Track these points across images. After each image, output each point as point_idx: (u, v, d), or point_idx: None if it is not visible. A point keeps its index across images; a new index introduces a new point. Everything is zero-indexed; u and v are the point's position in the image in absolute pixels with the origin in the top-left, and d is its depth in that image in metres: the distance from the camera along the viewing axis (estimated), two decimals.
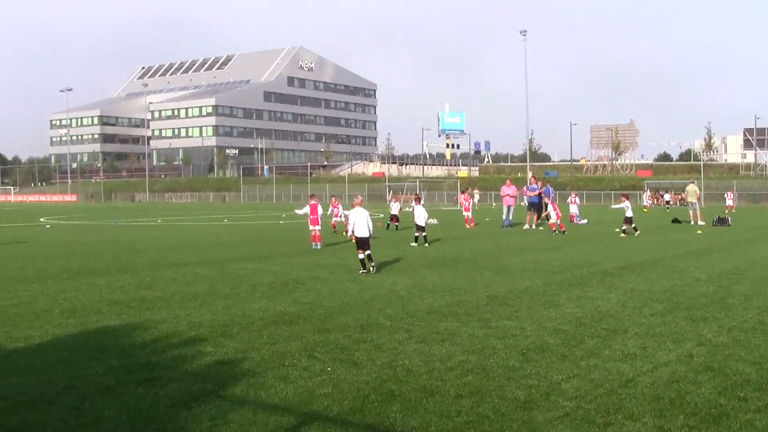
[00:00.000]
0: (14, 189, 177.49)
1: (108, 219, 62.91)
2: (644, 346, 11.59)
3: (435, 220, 50.59)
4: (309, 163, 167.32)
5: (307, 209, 30.71)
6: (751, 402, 8.71)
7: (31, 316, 14.47)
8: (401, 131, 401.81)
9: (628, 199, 38.19)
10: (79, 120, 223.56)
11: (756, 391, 9.13)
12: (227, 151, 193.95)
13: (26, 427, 7.95)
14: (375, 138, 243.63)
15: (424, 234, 31.17)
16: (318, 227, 30.08)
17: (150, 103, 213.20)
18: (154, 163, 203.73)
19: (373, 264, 21.92)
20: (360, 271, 21.57)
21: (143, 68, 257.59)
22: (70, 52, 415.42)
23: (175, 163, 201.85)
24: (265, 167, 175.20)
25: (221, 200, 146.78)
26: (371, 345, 11.66)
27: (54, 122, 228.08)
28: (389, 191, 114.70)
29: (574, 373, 9.93)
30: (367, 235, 21.82)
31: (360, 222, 21.87)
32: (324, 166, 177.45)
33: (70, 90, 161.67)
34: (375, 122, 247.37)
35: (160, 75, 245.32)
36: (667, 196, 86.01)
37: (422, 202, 34.58)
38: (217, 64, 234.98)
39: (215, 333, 12.66)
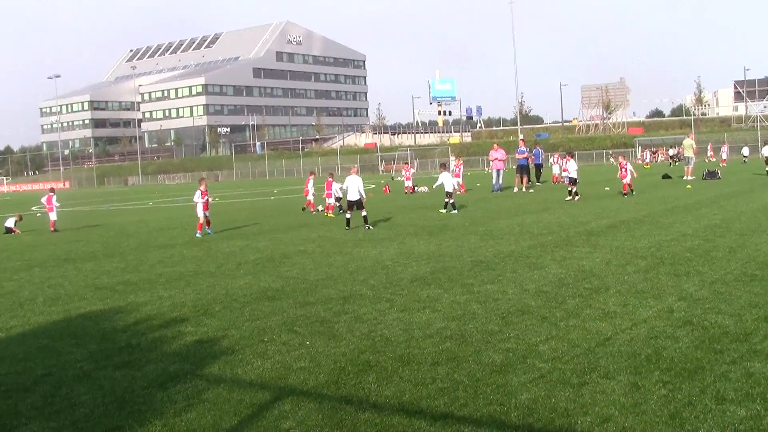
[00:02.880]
0: (7, 179, 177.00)
1: (101, 204, 62.79)
2: (625, 303, 11.58)
3: (425, 187, 50.57)
4: (301, 138, 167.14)
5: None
6: (727, 354, 8.70)
7: (14, 306, 14.45)
8: (392, 101, 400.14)
9: (572, 157, 38.02)
10: (69, 106, 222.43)
11: (733, 343, 9.12)
12: (219, 129, 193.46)
13: (0, 416, 7.93)
14: (366, 109, 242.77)
15: (452, 201, 31.43)
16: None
17: (140, 85, 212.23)
18: (146, 145, 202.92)
19: (368, 225, 25.38)
20: (346, 228, 25.37)
21: (131, 51, 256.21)
22: (57, 37, 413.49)
23: (167, 144, 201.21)
24: (257, 144, 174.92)
25: (214, 179, 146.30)
26: (352, 316, 11.64)
27: (44, 110, 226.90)
28: (381, 161, 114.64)
29: (553, 335, 9.92)
30: (357, 198, 25.38)
31: (352, 187, 25.52)
32: (316, 140, 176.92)
33: (58, 77, 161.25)
34: (366, 93, 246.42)
35: (149, 57, 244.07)
36: (671, 152, 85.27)
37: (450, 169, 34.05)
38: (206, 43, 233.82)
39: (197, 312, 12.65)
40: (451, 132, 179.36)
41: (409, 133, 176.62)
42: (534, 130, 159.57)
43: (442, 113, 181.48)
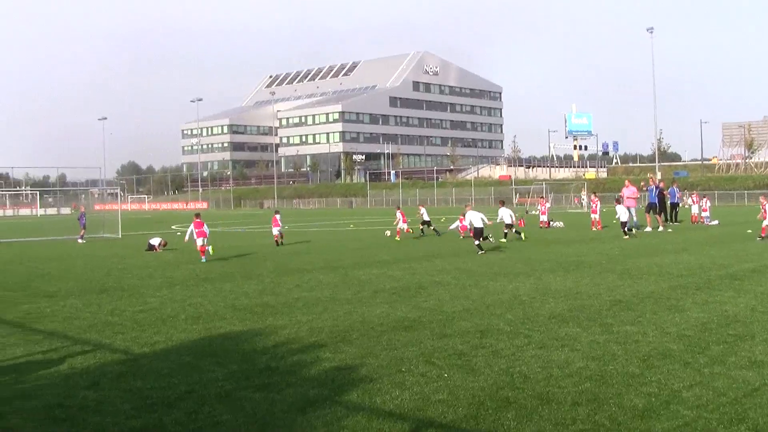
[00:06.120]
0: (148, 197, 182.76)
1: (237, 226, 64.17)
2: None
3: (561, 222, 50.05)
4: (435, 168, 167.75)
5: (191, 228, 29.93)
6: None
7: (157, 322, 14.91)
8: (528, 134, 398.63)
9: (619, 203, 38.70)
10: (210, 129, 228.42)
11: None
12: (354, 156, 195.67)
13: (146, 429, 8.19)
14: (501, 141, 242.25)
15: (515, 230, 36.18)
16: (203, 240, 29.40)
17: (278, 111, 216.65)
18: (282, 169, 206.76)
19: (482, 250, 28.58)
20: (479, 253, 28.32)
21: (271, 77, 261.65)
22: (201, 62, 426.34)
23: (302, 169, 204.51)
24: (392, 172, 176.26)
25: (348, 206, 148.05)
26: (490, 351, 11.60)
27: (186, 132, 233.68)
28: (515, 194, 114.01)
29: (697, 381, 9.67)
30: (482, 226, 29.18)
31: (475, 218, 29.25)
32: (450, 170, 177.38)
33: (200, 100, 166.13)
34: (501, 125, 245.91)
35: (288, 83, 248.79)
36: None
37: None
38: (344, 71, 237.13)
39: (335, 339, 12.80)
40: (586, 167, 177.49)
41: (543, 166, 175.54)
42: (672, 167, 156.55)
43: (577, 147, 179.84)
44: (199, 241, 29.46)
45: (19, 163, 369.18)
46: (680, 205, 52.12)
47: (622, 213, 36.96)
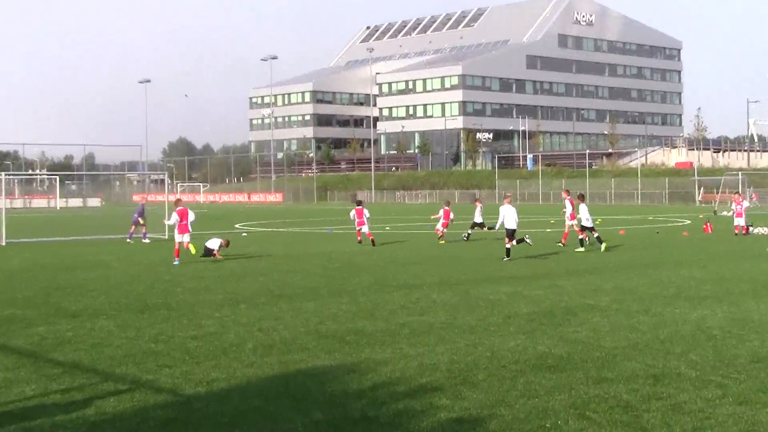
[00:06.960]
0: (204, 186, 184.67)
1: (321, 225, 64.58)
2: None
3: (766, 228, 49.07)
4: (587, 151, 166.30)
5: (176, 218, 32.77)
6: None
7: (216, 352, 15.04)
8: (717, 105, 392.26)
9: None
10: (287, 97, 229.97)
11: None
12: (478, 135, 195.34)
13: None
14: (679, 116, 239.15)
15: (596, 235, 37.09)
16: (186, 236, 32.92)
17: (377, 73, 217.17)
18: (382, 151, 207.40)
19: (508, 257, 31.92)
20: (504, 259, 31.77)
21: (368, 28, 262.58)
22: (276, 8, 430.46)
23: (409, 151, 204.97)
24: (529, 156, 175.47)
25: (470, 200, 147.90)
26: (667, 404, 11.39)
27: (255, 100, 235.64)
28: (699, 188, 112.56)
29: None
30: (515, 227, 32.56)
31: (509, 216, 32.57)
32: (608, 155, 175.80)
33: (274, 58, 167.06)
34: (680, 93, 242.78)
35: (390, 36, 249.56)
36: None
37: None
38: (465, 21, 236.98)
39: (454, 380, 12.73)
40: None
41: (739, 150, 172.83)
42: None
43: None
44: (179, 238, 32.66)
45: (34, 139, 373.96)
46: None
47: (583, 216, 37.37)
